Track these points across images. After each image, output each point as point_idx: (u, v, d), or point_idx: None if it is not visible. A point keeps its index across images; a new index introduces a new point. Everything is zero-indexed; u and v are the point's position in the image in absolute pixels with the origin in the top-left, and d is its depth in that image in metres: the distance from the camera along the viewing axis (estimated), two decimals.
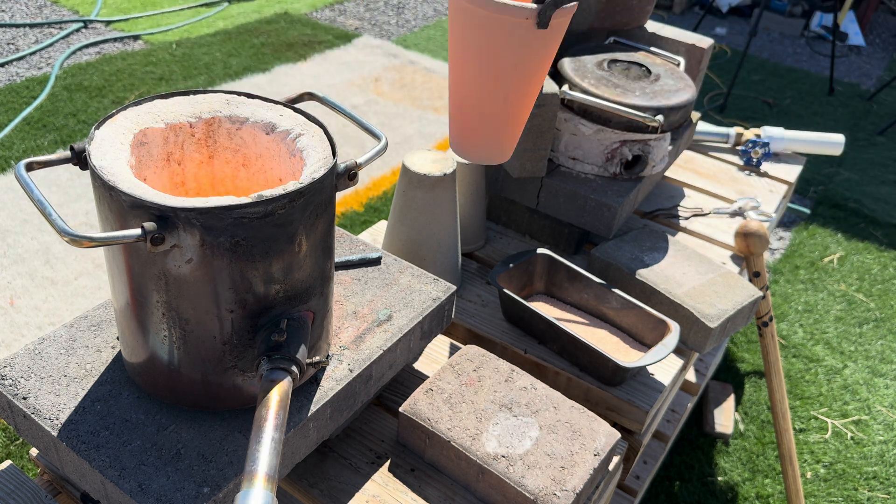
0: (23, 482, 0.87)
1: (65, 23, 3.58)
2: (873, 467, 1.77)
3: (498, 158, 0.70)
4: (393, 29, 4.05)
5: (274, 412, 0.64)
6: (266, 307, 0.72)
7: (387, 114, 3.10)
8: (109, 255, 0.72)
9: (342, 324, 0.92)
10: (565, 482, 0.86)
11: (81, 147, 0.69)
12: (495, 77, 0.65)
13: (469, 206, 1.33)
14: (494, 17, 0.61)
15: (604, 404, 1.12)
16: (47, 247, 2.14)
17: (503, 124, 0.68)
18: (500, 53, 0.63)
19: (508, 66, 0.64)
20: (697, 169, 1.72)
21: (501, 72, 0.64)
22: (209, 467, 0.73)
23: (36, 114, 2.78)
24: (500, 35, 0.62)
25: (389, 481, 0.92)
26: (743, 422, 1.85)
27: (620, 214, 1.31)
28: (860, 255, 2.54)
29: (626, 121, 1.29)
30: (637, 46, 1.50)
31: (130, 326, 0.75)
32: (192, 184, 0.82)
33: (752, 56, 4.12)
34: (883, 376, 2.04)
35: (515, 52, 0.63)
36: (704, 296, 1.22)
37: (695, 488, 1.67)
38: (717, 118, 3.32)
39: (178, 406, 0.79)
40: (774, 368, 1.58)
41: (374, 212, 2.48)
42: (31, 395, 0.79)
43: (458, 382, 0.97)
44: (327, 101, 0.86)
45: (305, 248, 0.72)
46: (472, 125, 0.69)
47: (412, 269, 1.03)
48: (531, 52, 0.63)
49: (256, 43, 3.63)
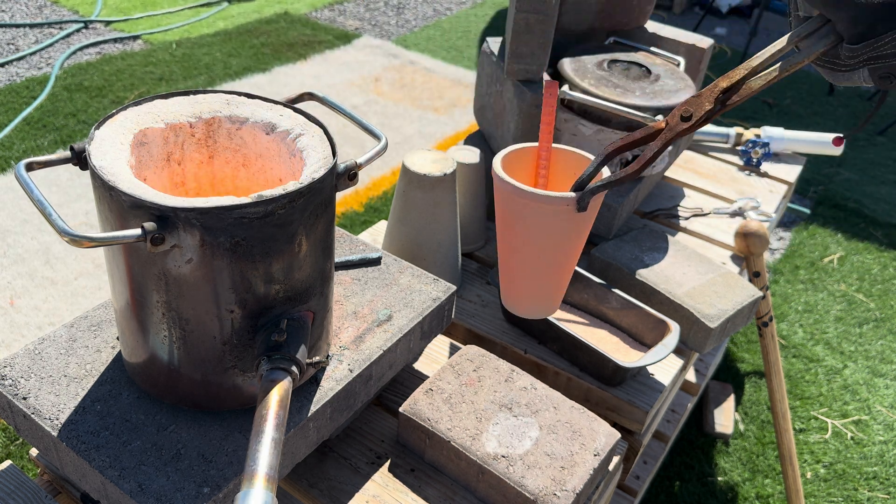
0: (23, 482, 0.87)
1: (65, 23, 3.58)
2: (873, 467, 1.77)
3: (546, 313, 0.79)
4: (393, 29, 4.05)
5: (274, 412, 0.64)
6: (266, 307, 0.72)
7: (387, 114, 3.10)
8: (109, 256, 0.72)
9: (342, 324, 0.92)
10: (565, 482, 0.86)
11: (81, 147, 0.69)
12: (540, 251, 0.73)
13: (469, 206, 1.33)
14: (538, 206, 0.68)
15: (604, 404, 1.12)
16: (47, 247, 2.15)
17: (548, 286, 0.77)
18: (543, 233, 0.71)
19: (551, 242, 0.72)
20: (697, 169, 1.72)
21: (545, 247, 0.73)
22: (209, 467, 0.73)
23: (36, 114, 2.78)
24: (543, 219, 0.70)
25: (389, 481, 0.92)
26: (743, 422, 1.85)
27: (620, 214, 1.31)
28: (860, 255, 2.54)
29: (626, 121, 1.29)
30: (637, 47, 1.50)
31: (130, 326, 0.75)
32: (192, 184, 0.82)
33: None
34: (883, 376, 2.04)
35: (557, 231, 0.71)
36: (704, 296, 1.22)
37: (695, 488, 1.67)
38: (717, 118, 3.32)
39: (179, 406, 0.79)
40: (774, 368, 1.58)
41: (374, 212, 2.48)
42: (31, 395, 0.79)
43: (458, 382, 0.97)
44: (327, 102, 0.86)
45: (305, 248, 0.72)
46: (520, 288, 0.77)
47: (412, 269, 1.03)
48: (571, 229, 0.71)
49: (256, 43, 3.63)
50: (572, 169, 0.76)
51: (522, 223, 0.72)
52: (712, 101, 0.64)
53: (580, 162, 0.75)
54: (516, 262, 0.76)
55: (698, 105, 0.64)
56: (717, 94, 0.64)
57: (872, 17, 0.55)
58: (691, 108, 0.64)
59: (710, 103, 0.64)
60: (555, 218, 0.70)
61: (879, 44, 0.55)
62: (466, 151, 1.32)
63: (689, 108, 0.65)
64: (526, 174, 0.78)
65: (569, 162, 0.76)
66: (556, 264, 0.75)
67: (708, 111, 0.64)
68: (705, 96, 0.64)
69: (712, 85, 0.65)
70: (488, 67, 1.39)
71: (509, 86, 1.27)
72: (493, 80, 1.36)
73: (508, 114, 1.28)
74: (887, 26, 0.55)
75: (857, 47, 0.57)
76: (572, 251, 0.74)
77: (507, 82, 1.27)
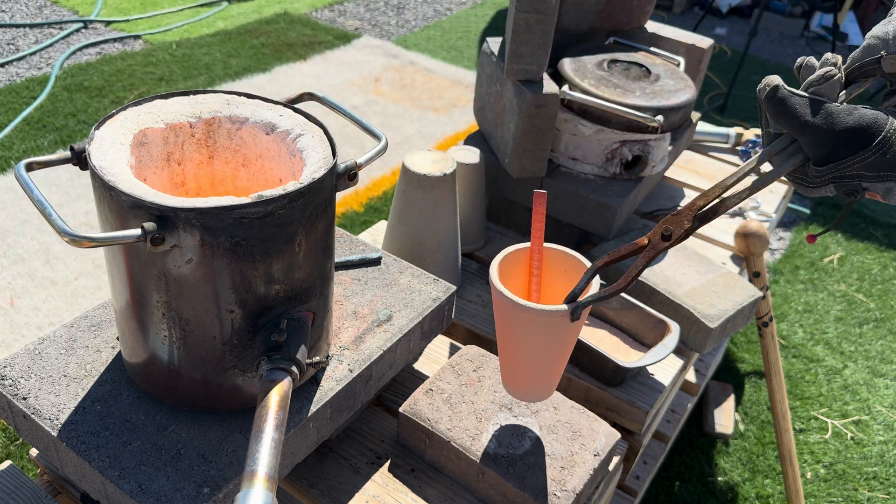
0: (23, 482, 0.87)
1: (65, 23, 3.58)
2: (873, 467, 1.77)
3: (542, 398, 0.88)
4: (393, 29, 4.05)
5: (274, 412, 0.64)
6: (266, 307, 0.72)
7: (387, 114, 3.10)
8: (109, 256, 0.72)
9: (342, 324, 0.92)
10: (565, 482, 0.86)
11: (81, 147, 0.69)
12: (535, 352, 0.81)
13: (469, 207, 1.33)
14: (533, 318, 0.75)
15: (604, 404, 1.12)
16: (47, 247, 2.15)
17: (543, 378, 0.85)
18: (538, 338, 0.79)
19: (545, 346, 0.80)
20: (697, 169, 1.72)
21: (540, 349, 0.80)
22: (209, 467, 0.73)
23: (36, 114, 2.78)
24: (537, 327, 0.77)
25: (389, 481, 0.92)
26: (743, 422, 1.85)
27: (620, 214, 1.31)
28: (860, 255, 2.54)
29: (626, 121, 1.29)
30: (637, 47, 1.50)
31: (130, 327, 0.75)
32: (192, 184, 0.82)
33: (752, 56, 4.13)
34: (883, 376, 2.04)
35: (551, 337, 0.79)
36: (704, 296, 1.22)
37: (695, 488, 1.67)
38: (717, 118, 3.32)
39: (178, 406, 0.79)
40: (774, 369, 1.58)
41: (374, 212, 2.48)
42: (31, 395, 0.78)
43: (458, 382, 0.97)
44: (327, 102, 0.86)
45: (305, 248, 0.72)
46: (519, 379, 0.86)
47: (412, 269, 1.03)
48: (564, 334, 0.79)
49: (256, 43, 3.63)
50: (563, 266, 0.84)
51: (518, 329, 0.79)
52: (691, 219, 0.68)
53: (571, 261, 0.83)
54: (513, 358, 0.84)
55: (678, 223, 0.69)
56: (694, 212, 0.68)
57: (834, 143, 0.60)
58: (671, 227, 0.69)
59: (689, 221, 0.68)
60: (549, 326, 0.77)
61: (843, 166, 0.60)
62: (466, 151, 1.32)
63: (669, 227, 0.69)
64: (521, 275, 0.85)
65: (560, 261, 0.84)
66: (551, 362, 0.83)
67: (687, 229, 0.68)
68: (684, 215, 0.68)
69: (690, 203, 0.69)
70: (488, 67, 1.39)
71: (509, 86, 1.27)
72: (493, 80, 1.36)
73: (508, 114, 1.28)
74: (848, 151, 0.59)
75: (822, 169, 0.61)
76: (565, 350, 0.82)
77: (507, 82, 1.28)
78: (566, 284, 0.83)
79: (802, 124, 0.61)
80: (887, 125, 0.58)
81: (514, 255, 0.84)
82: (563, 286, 0.84)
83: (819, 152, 0.61)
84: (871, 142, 0.59)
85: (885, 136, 0.58)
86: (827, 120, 0.60)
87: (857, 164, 0.60)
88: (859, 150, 0.59)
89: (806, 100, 0.62)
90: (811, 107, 0.61)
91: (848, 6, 4.61)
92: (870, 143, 0.59)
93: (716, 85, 3.66)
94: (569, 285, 0.82)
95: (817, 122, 0.61)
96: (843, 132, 0.60)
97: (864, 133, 0.59)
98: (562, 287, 0.84)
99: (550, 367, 0.84)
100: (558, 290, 0.85)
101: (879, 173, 0.59)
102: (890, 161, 0.58)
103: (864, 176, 0.60)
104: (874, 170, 0.59)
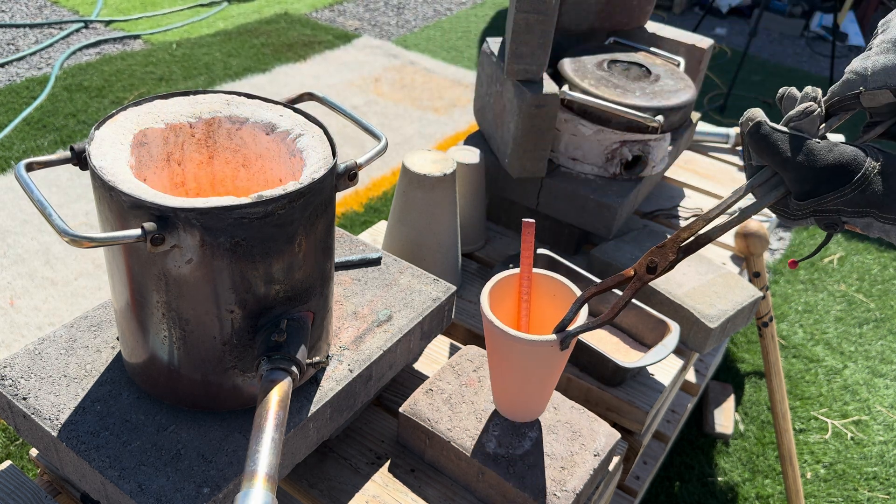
0: (23, 482, 0.87)
1: (65, 23, 3.58)
2: (873, 468, 1.77)
3: (532, 418, 0.92)
4: (393, 29, 4.05)
5: (274, 412, 0.64)
6: (266, 307, 0.72)
7: (387, 114, 3.10)
8: (109, 256, 0.72)
9: (342, 324, 0.92)
10: (565, 482, 0.86)
11: (81, 147, 0.69)
12: (525, 378, 0.84)
13: (469, 207, 1.33)
14: (523, 347, 0.79)
15: (604, 404, 1.12)
16: (47, 247, 2.15)
17: (533, 400, 0.89)
18: (527, 365, 0.82)
19: (535, 372, 0.83)
20: (697, 169, 1.72)
21: (529, 375, 0.84)
22: (209, 468, 0.73)
23: (36, 114, 2.78)
24: (527, 356, 0.81)
25: (389, 482, 0.92)
26: (743, 422, 1.85)
27: (620, 215, 1.31)
28: (860, 256, 2.54)
29: (626, 121, 1.29)
30: (637, 47, 1.50)
31: (130, 327, 0.75)
32: (192, 184, 0.82)
33: (752, 56, 4.13)
34: (883, 377, 2.04)
35: (540, 364, 0.82)
36: (704, 296, 1.22)
37: (695, 489, 1.67)
38: (717, 118, 3.32)
39: (178, 406, 0.79)
40: (774, 369, 1.58)
41: (374, 212, 2.48)
42: (31, 395, 0.79)
43: (458, 383, 0.97)
44: (327, 102, 0.86)
45: (305, 248, 0.72)
46: (510, 401, 0.90)
47: (412, 269, 1.03)
48: (553, 362, 0.82)
49: (256, 43, 3.63)
50: (552, 290, 0.87)
51: (509, 356, 0.82)
52: (675, 251, 0.70)
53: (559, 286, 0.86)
54: (504, 381, 0.87)
55: (663, 256, 0.70)
56: (678, 244, 0.70)
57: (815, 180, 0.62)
58: (657, 259, 0.71)
59: (673, 254, 0.70)
60: (538, 355, 0.80)
61: (823, 201, 0.62)
62: (466, 151, 1.32)
63: (654, 259, 0.71)
64: (511, 300, 0.88)
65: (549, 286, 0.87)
66: (540, 386, 0.86)
67: (671, 261, 0.70)
68: (668, 247, 0.70)
69: (675, 235, 0.70)
70: (488, 67, 1.39)
71: (509, 86, 1.27)
72: (493, 81, 1.36)
73: (508, 114, 1.28)
74: (829, 187, 0.61)
75: (803, 203, 0.64)
76: (554, 375, 0.85)
77: (507, 82, 1.28)
78: (555, 308, 0.87)
79: (784, 160, 0.63)
80: (866, 163, 0.60)
81: (505, 282, 0.87)
82: (552, 310, 0.87)
83: (801, 188, 0.63)
84: (851, 179, 0.60)
85: (864, 173, 0.60)
86: (808, 157, 0.62)
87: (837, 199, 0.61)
88: (839, 187, 0.61)
89: (787, 136, 0.64)
90: (792, 143, 0.63)
91: (848, 6, 4.61)
92: (849, 181, 0.61)
93: (716, 85, 3.66)
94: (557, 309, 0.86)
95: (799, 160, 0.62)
96: (823, 169, 0.61)
97: (844, 170, 0.61)
98: (550, 310, 0.87)
99: (539, 390, 0.87)
100: (547, 313, 0.88)
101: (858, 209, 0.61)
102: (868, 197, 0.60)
103: (843, 211, 0.62)
104: (853, 205, 0.61)
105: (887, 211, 0.60)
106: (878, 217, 0.61)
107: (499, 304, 0.87)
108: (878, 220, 0.61)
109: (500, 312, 0.86)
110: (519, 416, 0.91)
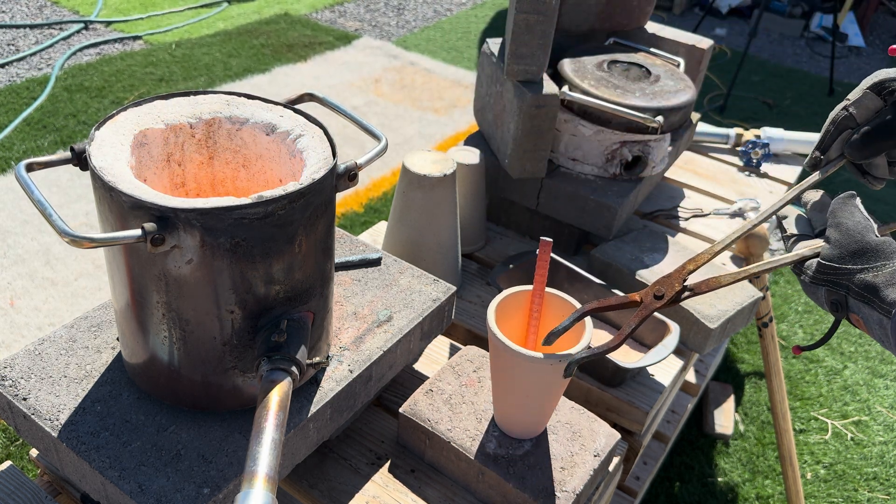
0: (23, 483, 0.87)
1: (65, 23, 3.59)
2: (873, 468, 1.77)
3: (533, 435, 0.92)
4: (393, 30, 4.05)
5: (274, 413, 0.64)
6: (266, 308, 0.72)
7: (387, 115, 3.10)
8: (109, 256, 0.72)
9: (342, 324, 0.92)
10: (565, 483, 0.86)
11: (81, 148, 0.69)
12: (527, 394, 0.84)
13: (469, 207, 1.33)
14: (528, 364, 0.79)
15: (604, 405, 1.12)
16: (47, 247, 2.15)
17: (534, 417, 0.89)
18: (531, 381, 0.83)
19: (537, 388, 0.84)
20: (697, 170, 1.72)
21: (532, 391, 0.84)
22: (209, 468, 0.73)
23: (36, 114, 2.78)
24: (531, 372, 0.81)
25: (389, 482, 0.92)
26: (743, 422, 1.85)
27: (620, 215, 1.31)
28: None
29: (626, 122, 1.29)
30: (637, 47, 1.50)
31: (130, 327, 0.75)
32: (193, 185, 0.82)
33: (752, 57, 4.13)
34: (883, 377, 2.04)
35: (544, 381, 0.82)
36: (704, 296, 1.22)
37: (695, 489, 1.67)
38: (716, 119, 3.33)
39: (179, 407, 0.79)
40: (774, 369, 1.58)
41: (374, 212, 2.48)
42: (31, 395, 0.79)
43: (458, 383, 0.97)
44: (327, 102, 0.86)
45: (305, 248, 0.72)
46: (512, 418, 0.90)
47: (412, 269, 1.03)
48: (556, 379, 0.82)
49: (256, 44, 3.63)
50: (562, 311, 0.87)
51: (513, 371, 0.82)
52: (681, 282, 0.73)
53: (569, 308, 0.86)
54: (507, 397, 0.87)
55: (669, 285, 0.73)
56: (684, 275, 0.73)
57: (847, 252, 0.65)
58: (663, 288, 0.73)
59: (679, 284, 0.73)
60: (542, 372, 0.80)
61: (840, 271, 0.65)
62: (466, 152, 1.32)
63: (661, 288, 0.73)
64: (519, 315, 0.88)
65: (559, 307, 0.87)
66: (542, 402, 0.86)
67: (677, 291, 0.73)
68: (675, 277, 0.73)
69: (681, 267, 0.73)
70: (488, 68, 1.39)
71: (509, 86, 1.27)
72: (493, 81, 1.36)
73: (508, 114, 1.28)
74: (852, 261, 0.64)
75: (826, 265, 0.66)
76: (557, 393, 0.85)
77: (507, 83, 1.28)
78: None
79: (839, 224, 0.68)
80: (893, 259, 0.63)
81: (514, 297, 0.87)
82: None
83: (832, 252, 0.67)
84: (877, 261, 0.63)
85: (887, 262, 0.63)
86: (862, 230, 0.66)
87: (856, 273, 0.64)
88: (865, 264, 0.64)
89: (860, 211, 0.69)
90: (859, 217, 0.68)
91: (848, 7, 4.61)
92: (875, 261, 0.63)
93: (716, 85, 3.66)
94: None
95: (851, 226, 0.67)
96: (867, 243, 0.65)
97: (881, 254, 0.64)
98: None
99: (540, 406, 0.87)
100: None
101: (864, 294, 0.63)
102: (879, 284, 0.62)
103: (852, 290, 0.64)
104: (863, 288, 0.63)
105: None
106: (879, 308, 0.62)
107: (506, 318, 0.86)
108: (877, 312, 0.62)
109: (507, 326, 0.86)
110: (518, 433, 0.91)
